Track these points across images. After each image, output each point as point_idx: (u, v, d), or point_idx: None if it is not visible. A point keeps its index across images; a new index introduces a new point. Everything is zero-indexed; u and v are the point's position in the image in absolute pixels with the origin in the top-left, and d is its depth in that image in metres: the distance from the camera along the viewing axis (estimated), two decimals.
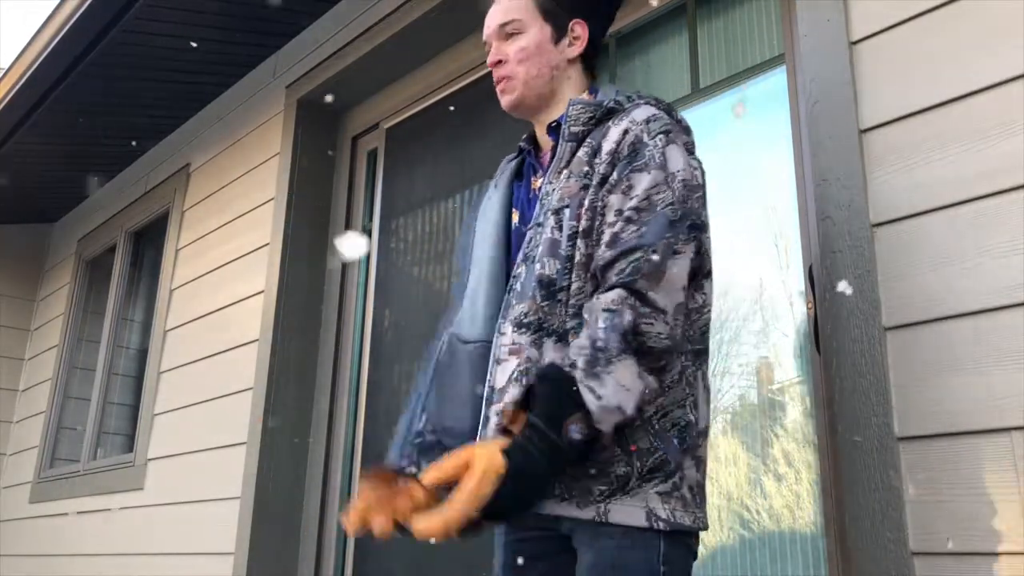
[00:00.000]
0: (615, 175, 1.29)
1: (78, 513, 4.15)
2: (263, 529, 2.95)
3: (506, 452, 1.11)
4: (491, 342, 1.42)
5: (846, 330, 1.61)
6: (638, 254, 1.20)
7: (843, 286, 1.62)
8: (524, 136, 1.56)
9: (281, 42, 3.55)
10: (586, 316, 1.21)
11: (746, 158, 2.13)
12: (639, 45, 2.47)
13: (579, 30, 1.49)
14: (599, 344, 1.15)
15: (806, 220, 1.90)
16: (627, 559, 1.20)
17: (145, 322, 4.42)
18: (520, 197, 1.51)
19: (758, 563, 1.89)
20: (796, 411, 1.90)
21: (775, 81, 2.10)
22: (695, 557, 1.28)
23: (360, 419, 3.02)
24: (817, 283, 1.76)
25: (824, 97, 1.75)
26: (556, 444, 1.11)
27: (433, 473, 1.12)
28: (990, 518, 1.39)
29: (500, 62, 1.49)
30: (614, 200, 1.27)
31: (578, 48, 1.49)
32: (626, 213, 1.24)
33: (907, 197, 1.59)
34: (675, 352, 1.23)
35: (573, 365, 1.16)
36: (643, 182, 1.26)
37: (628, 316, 1.16)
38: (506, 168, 1.57)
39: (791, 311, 1.97)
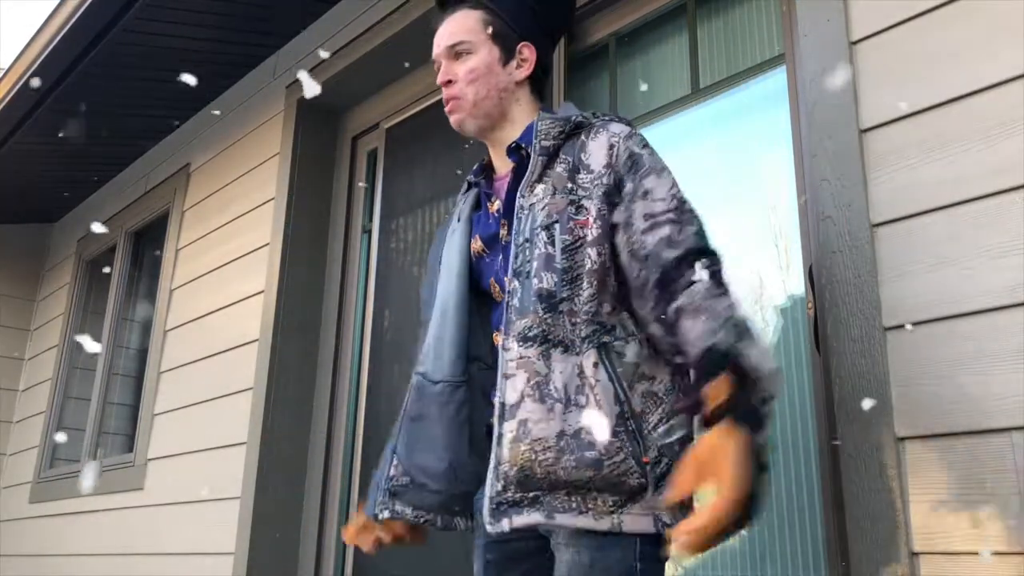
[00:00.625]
0: (628, 186, 1.32)
1: (77, 513, 4.15)
2: (263, 529, 2.94)
3: (738, 422, 1.11)
4: (459, 380, 1.44)
5: (846, 330, 1.61)
6: (706, 259, 1.24)
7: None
8: (474, 168, 1.57)
9: (281, 42, 3.55)
10: (687, 307, 1.22)
11: (746, 158, 2.13)
12: (639, 45, 2.47)
13: (527, 53, 1.51)
14: (739, 324, 1.18)
15: (806, 220, 1.90)
16: (605, 558, 1.23)
17: (145, 322, 4.42)
18: (480, 223, 1.52)
19: (758, 563, 1.89)
20: (796, 411, 1.90)
21: (775, 81, 2.10)
22: (668, 557, 1.30)
23: (360, 419, 3.03)
24: (817, 283, 1.76)
25: (824, 97, 1.75)
26: (761, 414, 1.13)
27: (675, 493, 1.12)
28: (990, 518, 1.39)
29: (450, 82, 1.51)
30: (638, 208, 1.30)
31: (526, 70, 1.51)
32: (662, 216, 1.29)
33: (907, 197, 1.59)
34: None
35: (731, 345, 1.17)
36: (661, 185, 1.32)
37: (730, 301, 1.21)
38: (466, 199, 1.59)
39: (791, 311, 1.97)
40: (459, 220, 1.56)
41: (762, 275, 2.03)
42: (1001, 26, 1.54)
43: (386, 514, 1.45)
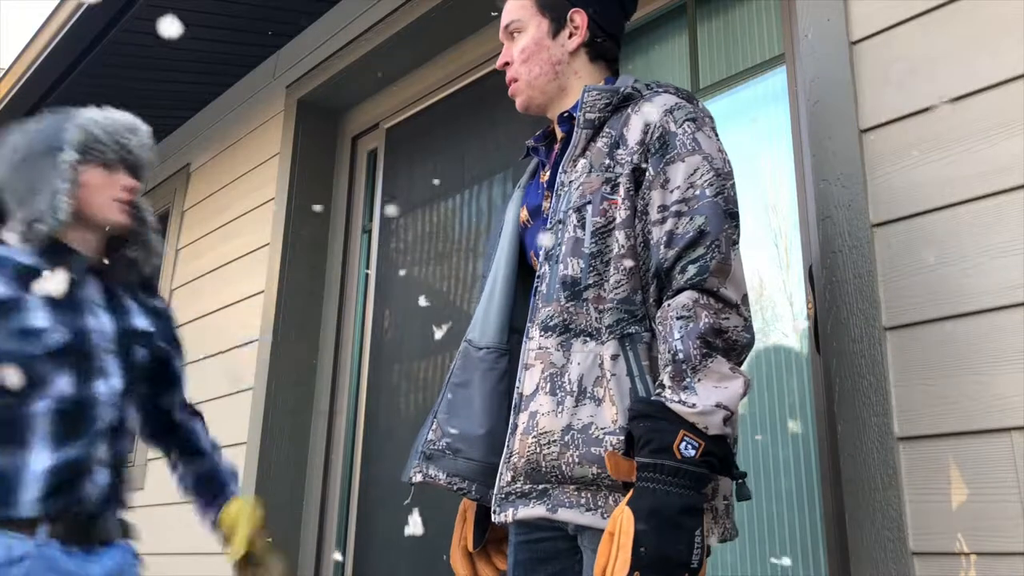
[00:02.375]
0: (650, 170, 1.26)
1: None
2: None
3: (629, 503, 1.09)
4: (503, 348, 1.41)
5: (846, 330, 1.61)
6: (701, 250, 1.18)
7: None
8: (536, 134, 1.54)
9: (281, 42, 3.55)
10: (659, 327, 1.18)
11: (746, 158, 2.13)
12: (639, 45, 2.47)
13: (578, 19, 1.44)
14: (679, 356, 1.12)
15: (806, 220, 1.90)
16: None
17: None
18: (530, 192, 1.50)
19: (758, 563, 1.89)
20: (796, 411, 1.90)
21: (775, 81, 2.10)
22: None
23: (360, 419, 3.03)
24: (817, 283, 1.76)
25: (824, 97, 1.75)
26: (676, 469, 1.07)
27: (599, 565, 1.09)
28: (990, 518, 1.39)
29: (507, 64, 1.47)
30: (655, 196, 1.24)
31: (578, 38, 1.44)
32: (673, 207, 1.22)
33: (907, 197, 1.59)
34: (752, 344, 1.20)
35: (661, 385, 1.14)
36: (680, 171, 1.23)
37: (705, 318, 1.14)
38: (527, 166, 1.57)
39: (791, 311, 1.97)
40: (518, 188, 1.54)
41: (762, 275, 2.03)
42: (1001, 26, 1.54)
43: (419, 478, 1.40)
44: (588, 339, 1.24)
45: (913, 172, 1.59)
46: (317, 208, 3.30)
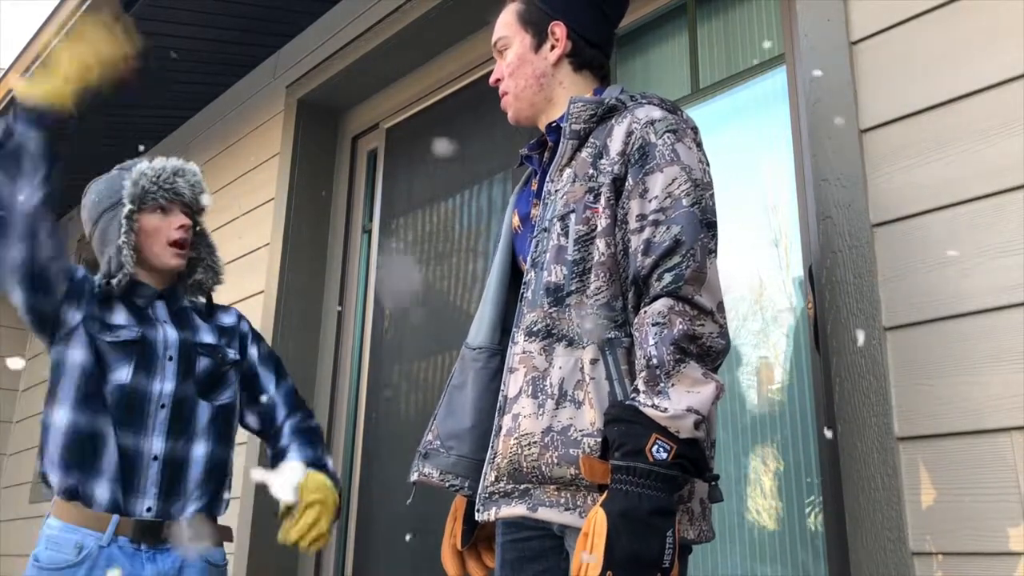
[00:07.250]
0: (630, 180, 1.28)
1: None
2: (263, 529, 2.94)
3: (603, 505, 1.11)
4: (495, 348, 1.46)
5: (846, 330, 1.61)
6: (677, 258, 1.20)
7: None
8: (530, 142, 1.56)
9: (281, 42, 3.55)
10: (636, 333, 1.21)
11: (746, 158, 2.13)
12: (639, 45, 2.47)
13: (558, 32, 1.47)
14: (653, 361, 1.15)
15: (806, 220, 1.91)
16: None
17: None
18: (522, 199, 1.54)
19: (758, 563, 1.89)
20: (796, 411, 1.90)
21: (775, 81, 2.10)
22: (686, 566, 1.28)
23: (360, 419, 3.03)
24: (817, 283, 1.76)
25: (824, 97, 1.75)
26: (648, 471, 1.10)
27: (575, 565, 1.11)
28: (990, 518, 1.39)
29: (499, 80, 1.52)
30: (634, 206, 1.26)
31: (559, 50, 1.47)
32: (651, 216, 1.24)
33: (907, 197, 1.59)
34: (728, 350, 1.22)
35: (636, 390, 1.16)
36: (659, 181, 1.25)
37: (679, 324, 1.16)
38: (524, 172, 1.60)
39: (791, 311, 1.97)
40: (514, 193, 1.58)
41: (762, 275, 2.03)
42: (1001, 26, 1.54)
43: (415, 476, 1.46)
44: (570, 344, 1.27)
45: (913, 172, 1.60)
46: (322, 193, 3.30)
